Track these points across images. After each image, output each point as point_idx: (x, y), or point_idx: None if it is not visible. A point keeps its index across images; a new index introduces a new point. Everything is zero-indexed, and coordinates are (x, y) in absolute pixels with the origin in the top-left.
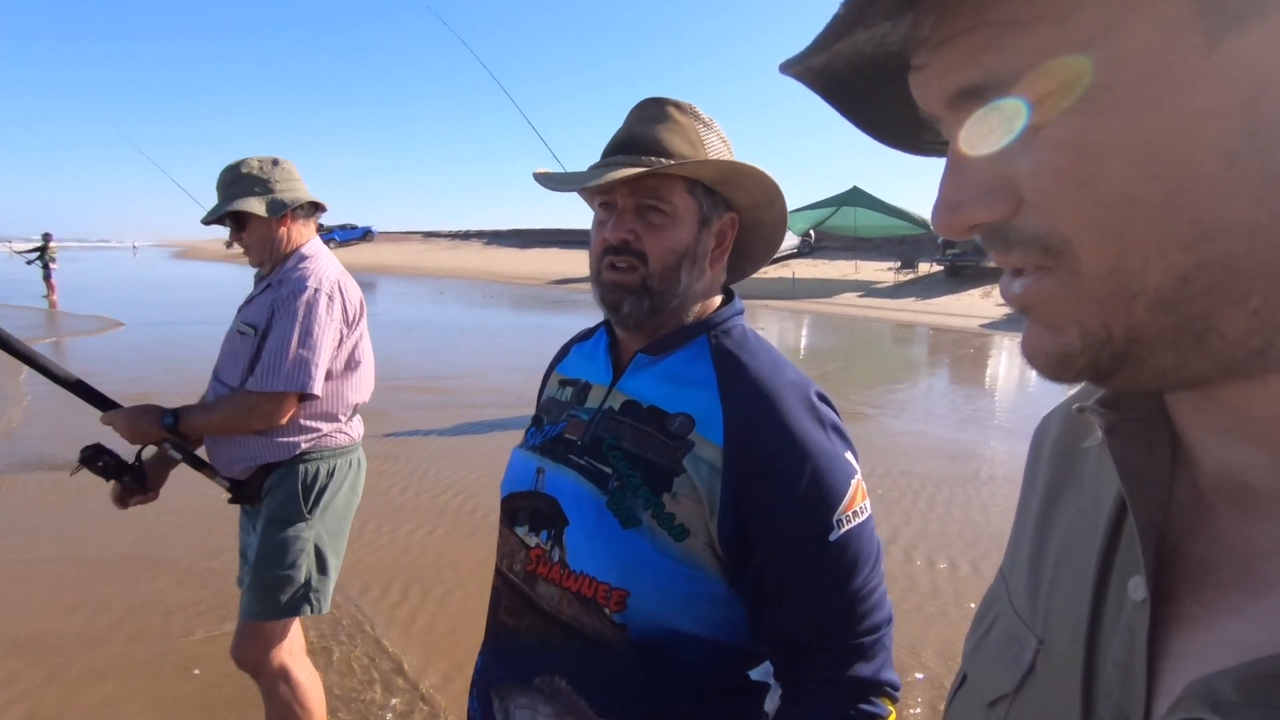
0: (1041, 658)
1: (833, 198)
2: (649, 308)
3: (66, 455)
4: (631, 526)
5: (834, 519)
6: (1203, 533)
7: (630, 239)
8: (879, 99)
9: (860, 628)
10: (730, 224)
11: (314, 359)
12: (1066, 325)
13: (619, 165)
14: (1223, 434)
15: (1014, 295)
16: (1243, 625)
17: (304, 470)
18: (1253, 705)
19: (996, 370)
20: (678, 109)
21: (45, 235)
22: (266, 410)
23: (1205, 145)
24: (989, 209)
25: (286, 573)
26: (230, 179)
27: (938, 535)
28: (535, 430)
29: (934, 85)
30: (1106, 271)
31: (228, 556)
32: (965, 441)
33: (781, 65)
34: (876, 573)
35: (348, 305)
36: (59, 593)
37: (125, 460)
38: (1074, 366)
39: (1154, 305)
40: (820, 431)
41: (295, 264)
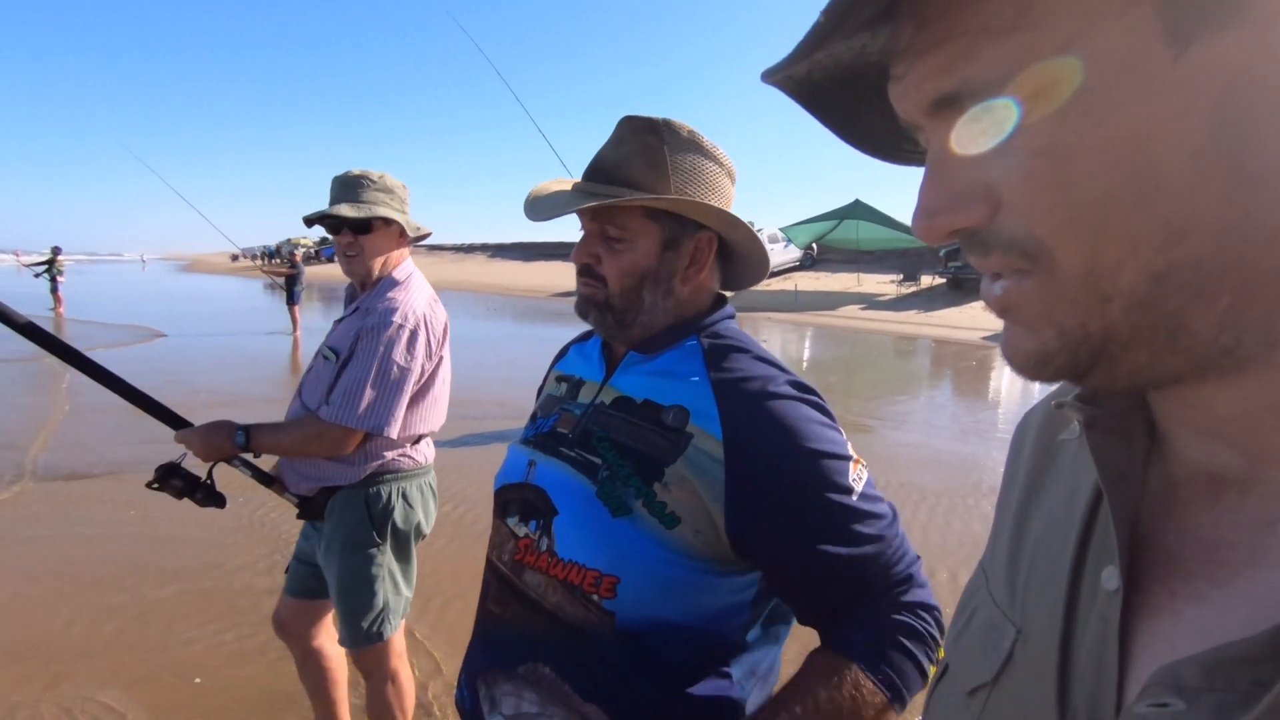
0: (1019, 646)
1: (834, 211)
2: (613, 321)
3: (73, 465)
4: (622, 515)
5: (849, 480)
6: (1173, 524)
7: (591, 262)
8: (858, 109)
9: (901, 567)
10: (707, 242)
11: (392, 400)
12: (1044, 326)
13: (580, 193)
14: (1197, 430)
15: (994, 298)
16: (1208, 613)
17: (371, 494)
18: (1215, 689)
19: (999, 382)
20: (650, 131)
21: (54, 249)
22: (334, 440)
23: (1174, 147)
24: (967, 214)
25: (366, 600)
26: (367, 184)
27: (938, 546)
28: (530, 425)
29: (912, 94)
30: (1082, 273)
31: (230, 567)
32: (966, 453)
33: (763, 74)
34: (896, 518)
35: (431, 339)
36: (60, 602)
37: (198, 478)
38: (1052, 365)
39: (1129, 306)
40: (808, 409)
41: (385, 290)
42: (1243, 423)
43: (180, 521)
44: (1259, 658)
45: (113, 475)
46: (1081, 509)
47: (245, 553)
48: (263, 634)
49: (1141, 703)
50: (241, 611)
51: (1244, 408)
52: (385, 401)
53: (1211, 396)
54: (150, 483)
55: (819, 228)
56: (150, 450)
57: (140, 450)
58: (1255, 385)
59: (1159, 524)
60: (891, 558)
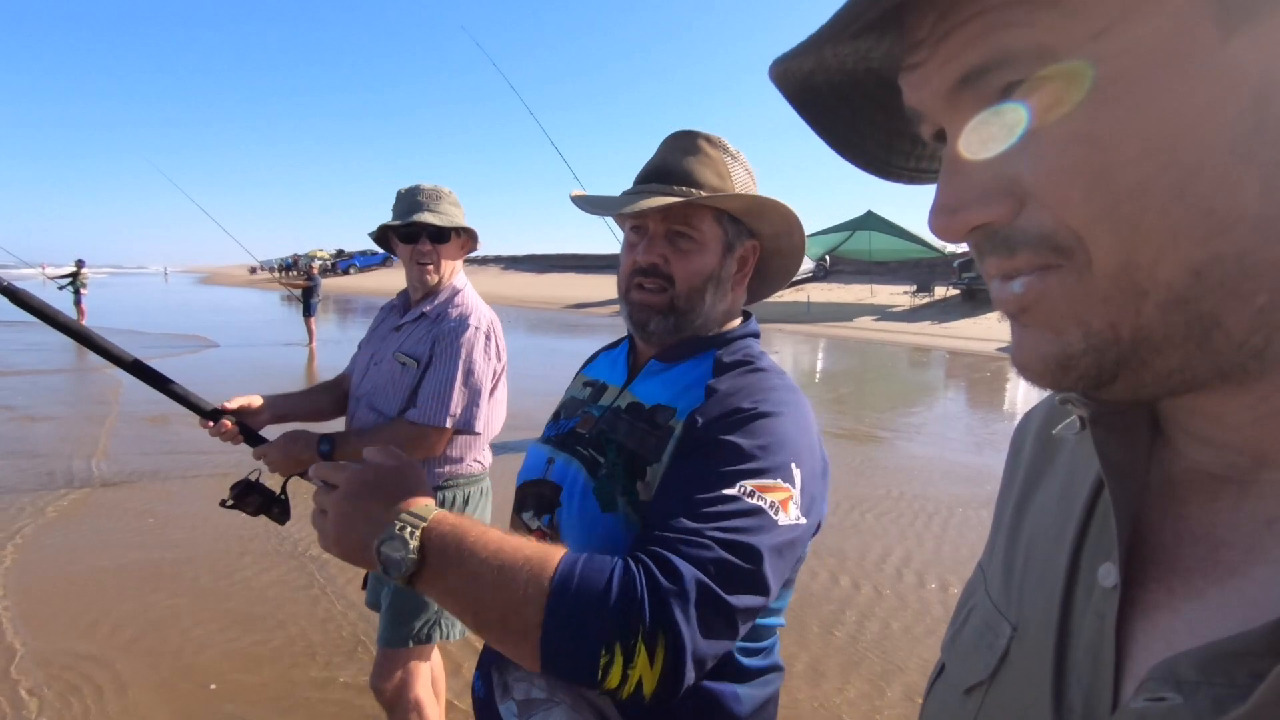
0: (1015, 644)
1: (847, 222)
2: (674, 326)
3: (84, 471)
4: (609, 510)
5: (740, 482)
6: (1171, 522)
7: (660, 262)
8: (852, 119)
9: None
10: (751, 250)
11: (477, 398)
12: (1069, 326)
13: (653, 193)
14: (1201, 432)
15: (1012, 296)
16: (1205, 609)
17: (440, 498)
18: (1212, 684)
19: (1014, 393)
20: (708, 142)
21: (78, 262)
22: (430, 441)
23: (1216, 137)
24: (991, 209)
25: (420, 600)
26: (440, 196)
27: (950, 558)
28: (552, 424)
29: (935, 76)
30: (1118, 267)
31: (245, 574)
32: (981, 464)
33: (772, 63)
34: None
35: (499, 343)
36: (80, 608)
37: (273, 493)
38: (1075, 370)
39: (1165, 303)
40: (778, 423)
41: (452, 298)
42: (1249, 428)
43: (194, 528)
44: (1256, 651)
45: (129, 484)
46: (1079, 506)
47: (259, 559)
48: (277, 639)
49: (1138, 697)
50: (257, 617)
51: (1255, 414)
52: (471, 401)
53: (1223, 403)
54: (225, 501)
55: (832, 239)
56: (170, 461)
57: (159, 460)
58: (1270, 390)
59: (1157, 521)
60: (725, 569)
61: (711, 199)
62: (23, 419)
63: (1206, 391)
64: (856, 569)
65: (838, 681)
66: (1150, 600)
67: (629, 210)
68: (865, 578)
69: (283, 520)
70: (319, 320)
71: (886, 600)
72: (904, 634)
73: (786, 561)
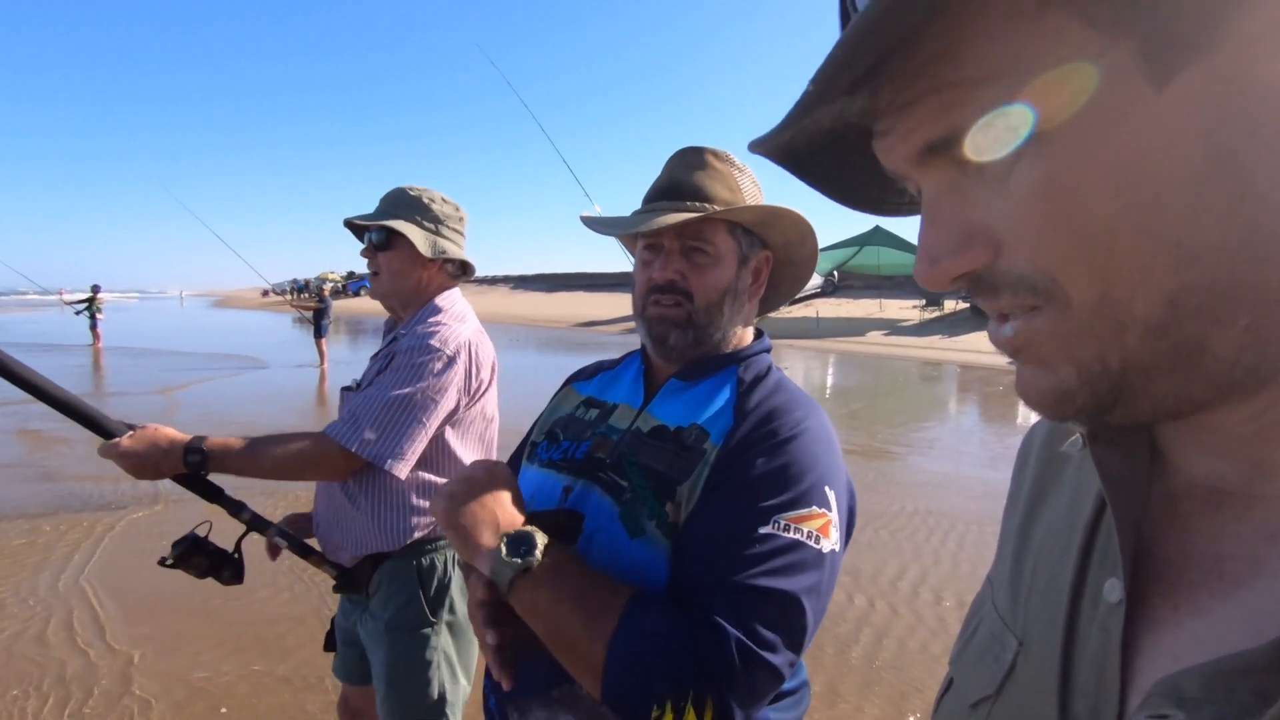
0: (1021, 659)
1: (855, 237)
2: (693, 339)
3: (91, 497)
4: (638, 536)
5: (774, 516)
6: (1174, 536)
7: (677, 279)
8: (840, 169)
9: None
10: (765, 261)
11: (406, 429)
12: (1061, 363)
13: (664, 210)
14: (1200, 446)
15: (1005, 339)
16: (1209, 625)
17: (419, 565)
18: (1214, 701)
19: (1027, 408)
20: (715, 157)
21: (94, 287)
22: (334, 464)
23: (1172, 174)
24: (969, 258)
25: (419, 689)
26: (403, 200)
27: (967, 575)
28: (551, 445)
29: (900, 146)
30: (1095, 303)
31: (255, 597)
32: (996, 480)
33: (750, 144)
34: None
35: (473, 370)
36: (83, 631)
37: (226, 552)
38: (1074, 403)
39: (1146, 333)
40: (817, 451)
41: (423, 318)
42: (1249, 440)
43: None
44: (1261, 669)
45: (138, 507)
46: (1084, 522)
47: (269, 584)
48: (289, 663)
49: (1141, 713)
50: (267, 641)
51: (1256, 426)
52: (398, 429)
53: (1226, 416)
54: (165, 560)
55: (839, 254)
56: None
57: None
58: (1269, 401)
59: (1160, 537)
60: (768, 622)
61: (726, 212)
62: (42, 440)
63: (1208, 410)
64: (871, 587)
65: (855, 701)
66: (1155, 615)
67: (645, 229)
68: (880, 596)
69: (235, 582)
70: (330, 341)
71: (903, 618)
72: (921, 652)
73: (826, 594)
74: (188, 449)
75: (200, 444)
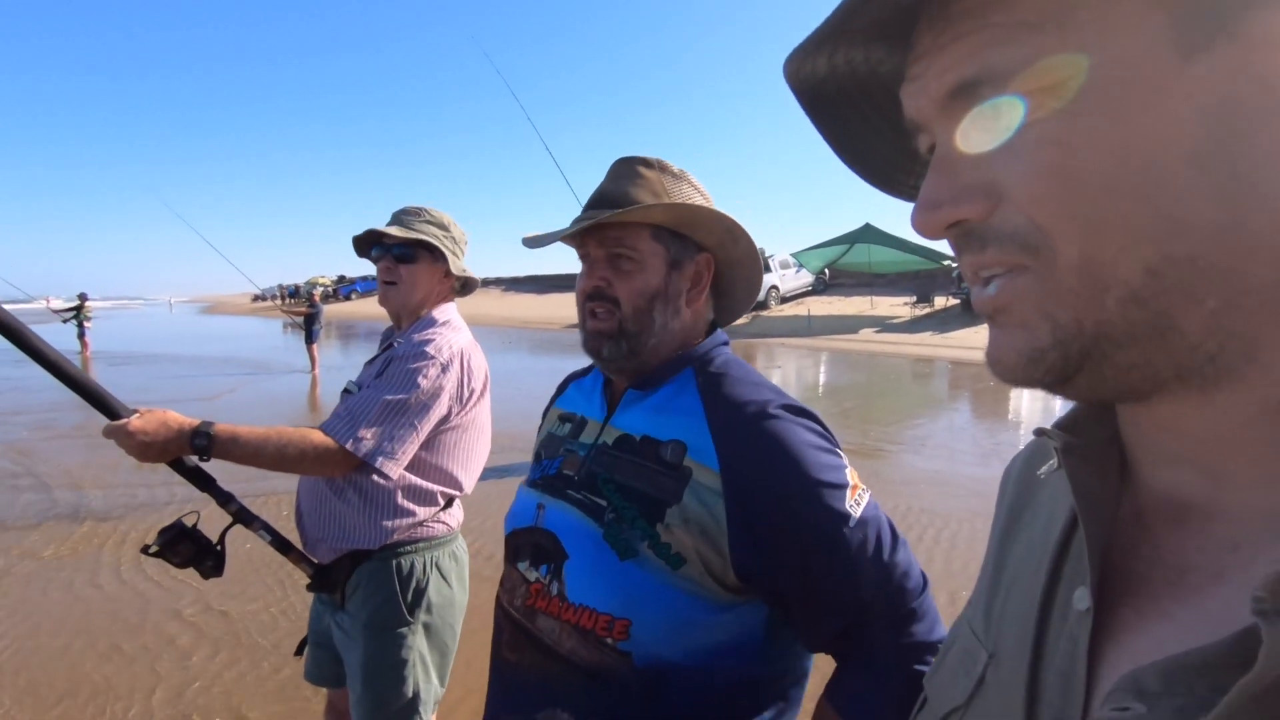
0: (991, 669)
1: (845, 235)
2: (627, 349)
3: (83, 507)
4: (629, 558)
5: (845, 506)
6: (1142, 549)
7: (602, 285)
8: (862, 128)
9: (903, 597)
10: (705, 264)
11: (399, 431)
12: (1038, 321)
13: (586, 220)
14: (1165, 457)
15: (988, 298)
16: (1172, 628)
17: (398, 565)
18: (1174, 694)
19: (1018, 403)
20: (645, 165)
21: (81, 295)
22: (330, 460)
23: (1175, 147)
24: (968, 206)
25: (394, 687)
26: (427, 218)
27: (961, 572)
28: (535, 466)
29: (931, 86)
30: (1081, 262)
31: (245, 610)
32: (988, 476)
33: (786, 60)
34: (899, 542)
35: (466, 379)
36: (82, 647)
37: (210, 543)
38: (1043, 363)
39: (1124, 299)
40: (805, 433)
41: (423, 326)
42: (1210, 445)
43: None
44: (1217, 664)
45: (124, 517)
46: (1056, 535)
47: (263, 594)
48: (286, 671)
49: (1105, 707)
50: (263, 651)
51: (1215, 429)
52: (391, 430)
53: (1186, 415)
54: (149, 548)
55: (830, 252)
56: (165, 492)
57: (158, 493)
58: (1228, 403)
59: (1129, 550)
60: (895, 585)
61: (628, 213)
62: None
63: (1169, 398)
64: None
65: None
66: (1120, 623)
67: (559, 237)
68: None
69: (215, 574)
70: (321, 347)
71: None
72: None
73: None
74: (195, 432)
75: (208, 428)
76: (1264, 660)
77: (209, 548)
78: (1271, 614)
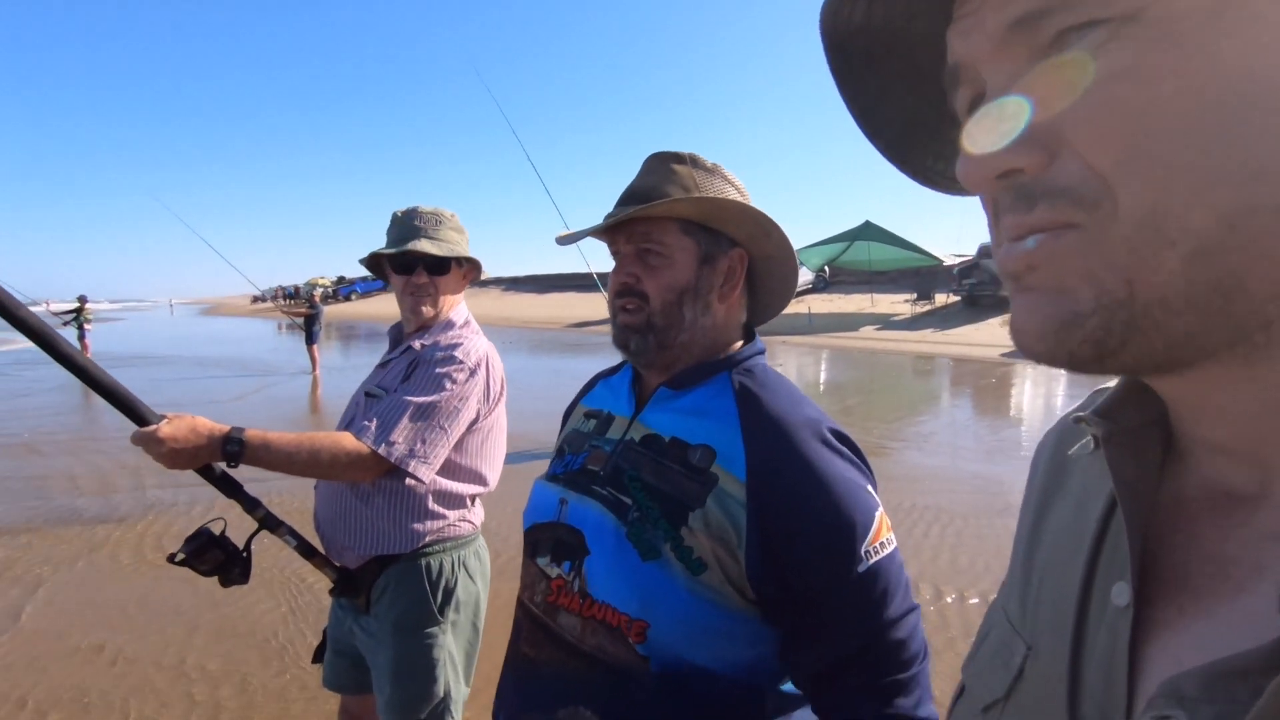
0: (1030, 663)
1: (845, 233)
2: (654, 344)
3: (88, 510)
4: (651, 559)
5: (861, 550)
6: (1181, 540)
7: (631, 281)
8: (882, 92)
9: (896, 660)
10: (739, 259)
11: (433, 436)
12: (1080, 284)
13: (614, 216)
14: (1210, 445)
15: (1023, 253)
16: (1214, 627)
17: (427, 565)
18: (1214, 701)
19: (1020, 399)
20: (677, 160)
21: (80, 298)
22: (363, 465)
23: (1260, 84)
24: (1025, 155)
25: (425, 687)
26: (440, 221)
27: (967, 569)
28: (558, 461)
29: (989, 19)
30: (1146, 213)
31: (251, 615)
32: (991, 473)
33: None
34: (908, 604)
35: (491, 382)
36: (90, 649)
37: (238, 550)
38: (1080, 332)
39: (1191, 255)
40: (841, 463)
41: (445, 331)
42: (1255, 431)
43: None
44: (1256, 669)
45: (132, 519)
46: (1093, 525)
47: (266, 597)
48: (288, 674)
49: (1146, 715)
50: (270, 653)
51: (1259, 407)
52: (425, 435)
53: (1229, 391)
54: (175, 556)
55: (830, 250)
56: (171, 494)
57: (154, 495)
58: (1271, 378)
59: (1168, 540)
60: (888, 644)
61: (652, 207)
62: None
63: (1212, 371)
64: None
65: None
66: (1161, 619)
67: (589, 233)
68: None
69: (241, 581)
70: (321, 348)
71: None
72: None
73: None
74: (227, 438)
75: (240, 434)
76: None
77: (236, 555)
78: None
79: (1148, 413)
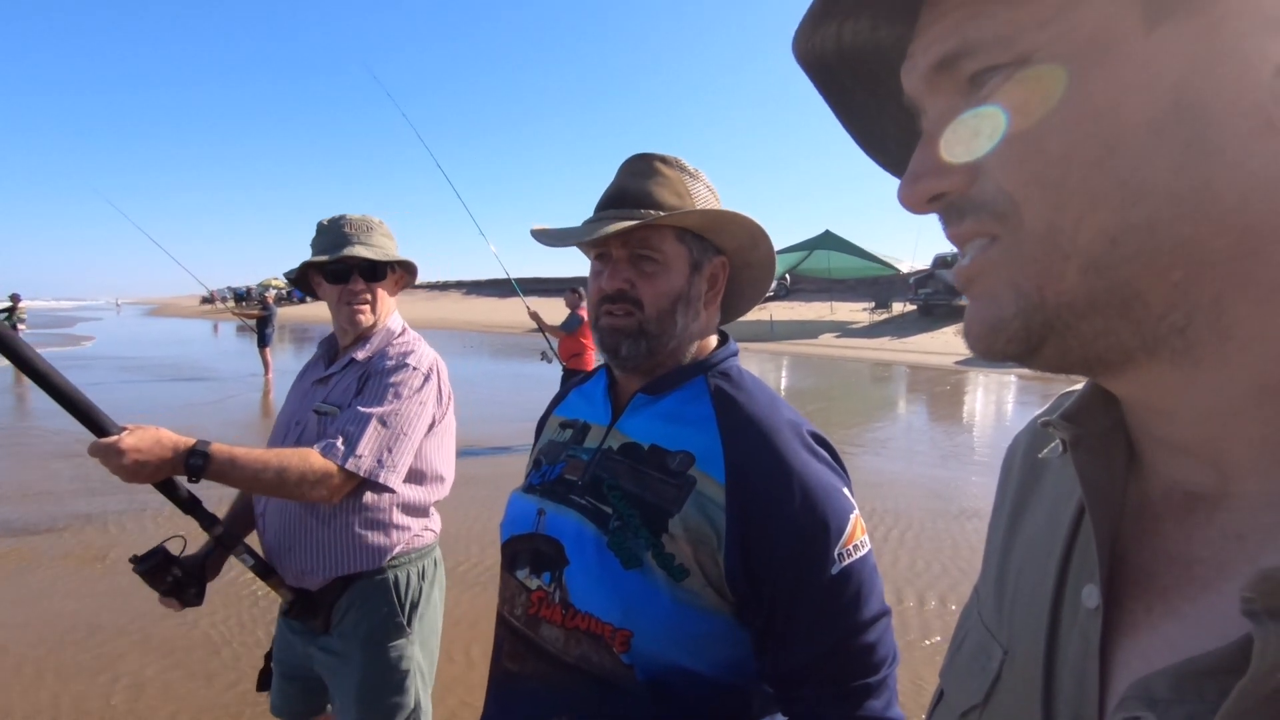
0: (1006, 667)
1: (806, 241)
2: (646, 349)
3: (31, 519)
4: (633, 567)
5: (834, 552)
6: (1148, 541)
7: (626, 287)
8: (877, 111)
9: (866, 663)
10: (721, 267)
11: (398, 446)
12: (1004, 291)
13: (611, 220)
14: (1168, 446)
15: (963, 270)
16: (1182, 627)
17: (395, 579)
18: (1184, 701)
19: (973, 406)
20: (664, 163)
21: (13, 296)
22: (332, 484)
23: (1135, 114)
24: (950, 178)
25: (396, 699)
26: (370, 228)
27: (924, 573)
28: (534, 472)
29: (920, 61)
30: (1045, 229)
31: (204, 624)
32: (948, 478)
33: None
34: (880, 607)
35: (442, 387)
36: (40, 668)
37: (196, 569)
38: (1006, 332)
39: (1085, 267)
40: (818, 465)
41: (387, 339)
42: (1205, 429)
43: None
44: (1224, 669)
45: (72, 530)
46: (1064, 528)
47: (220, 609)
48: (244, 683)
49: (1116, 717)
50: (218, 667)
51: (1205, 412)
52: (390, 444)
53: (1172, 396)
54: (138, 565)
55: (791, 258)
56: (115, 501)
57: (103, 502)
58: (1210, 381)
59: (1136, 542)
60: (857, 647)
61: (668, 218)
62: None
63: (1146, 374)
64: None
65: None
66: (1131, 620)
67: (587, 239)
68: None
69: (196, 602)
70: (274, 350)
71: None
72: None
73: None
74: (191, 452)
75: (206, 448)
76: (1257, 662)
77: (194, 575)
78: (1261, 614)
79: (1113, 415)
